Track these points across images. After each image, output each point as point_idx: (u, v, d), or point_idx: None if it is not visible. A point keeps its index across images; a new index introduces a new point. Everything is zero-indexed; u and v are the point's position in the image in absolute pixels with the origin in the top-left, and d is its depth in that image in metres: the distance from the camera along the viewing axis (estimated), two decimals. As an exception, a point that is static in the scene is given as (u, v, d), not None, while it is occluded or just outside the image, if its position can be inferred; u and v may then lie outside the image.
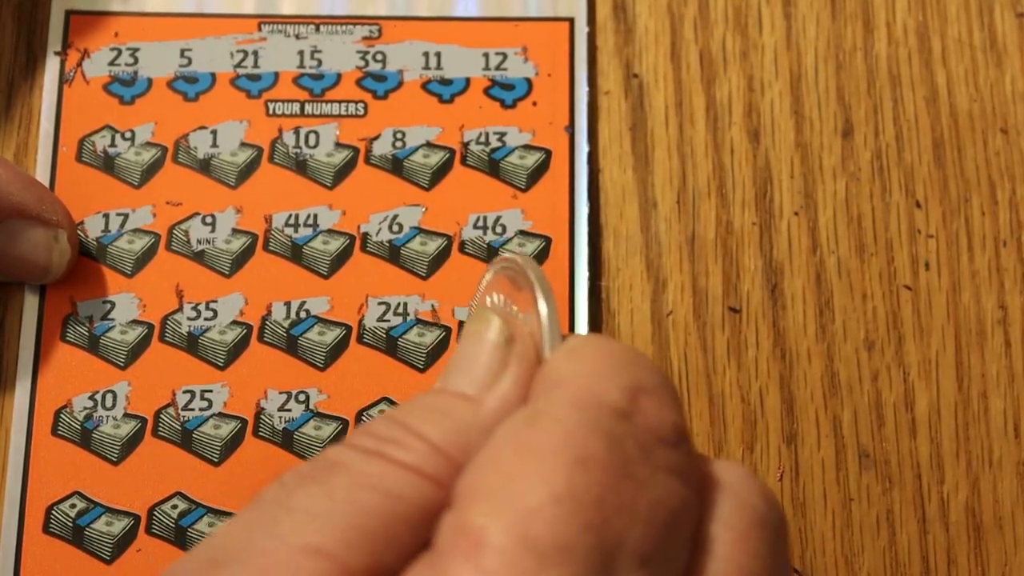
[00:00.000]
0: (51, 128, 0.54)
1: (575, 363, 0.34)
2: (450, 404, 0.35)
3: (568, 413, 0.32)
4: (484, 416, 0.34)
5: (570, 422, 0.32)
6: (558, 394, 0.33)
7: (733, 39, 0.56)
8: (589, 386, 0.33)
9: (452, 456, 0.33)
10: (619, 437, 0.32)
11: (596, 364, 0.34)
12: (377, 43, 0.55)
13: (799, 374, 0.53)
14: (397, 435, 0.33)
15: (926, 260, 0.54)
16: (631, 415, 0.33)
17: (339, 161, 0.54)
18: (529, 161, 0.54)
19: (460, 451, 0.33)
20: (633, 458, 0.32)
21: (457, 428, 0.34)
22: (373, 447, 0.33)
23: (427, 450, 0.33)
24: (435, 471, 0.33)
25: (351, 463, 0.33)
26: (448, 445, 0.33)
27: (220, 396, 0.51)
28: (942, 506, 0.52)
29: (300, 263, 0.53)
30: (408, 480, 0.32)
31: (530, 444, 0.32)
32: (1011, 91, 0.56)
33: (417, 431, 0.33)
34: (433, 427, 0.34)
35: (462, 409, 0.34)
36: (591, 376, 0.33)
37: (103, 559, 0.50)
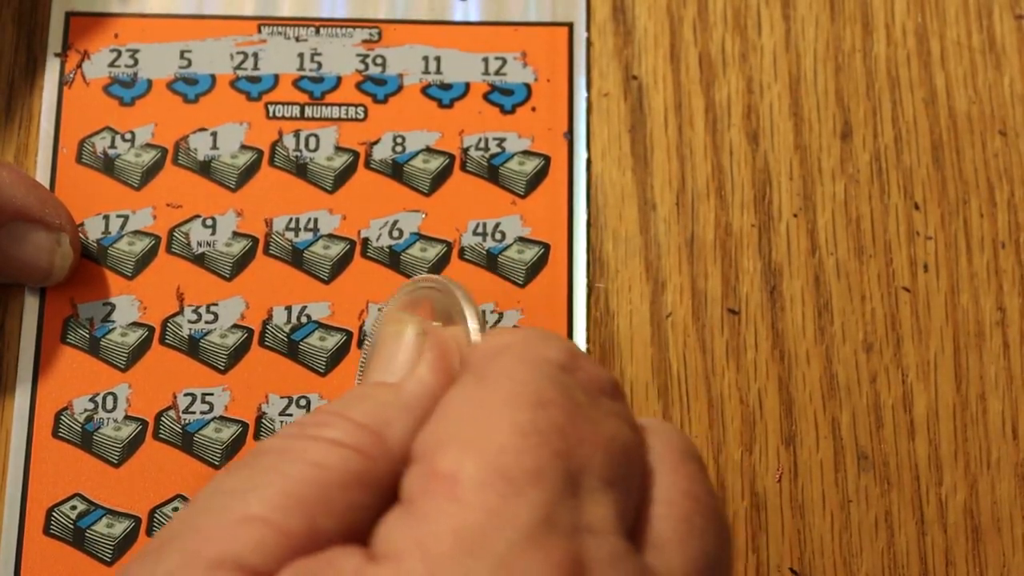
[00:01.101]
0: (51, 129, 0.54)
1: (506, 336, 0.37)
2: (370, 390, 0.37)
3: (516, 368, 0.35)
4: (404, 396, 0.36)
5: (519, 375, 0.34)
6: (501, 357, 0.35)
7: (732, 41, 0.56)
8: (529, 347, 0.36)
9: (373, 430, 0.35)
10: (567, 385, 0.35)
11: (528, 335, 0.37)
12: (377, 46, 0.55)
13: (798, 375, 0.53)
14: (320, 419, 0.35)
15: (925, 262, 0.54)
16: (573, 369, 0.36)
17: (339, 165, 0.54)
18: (528, 167, 0.54)
19: (381, 425, 0.35)
20: (583, 403, 0.35)
21: (377, 407, 0.36)
22: (297, 431, 0.35)
23: (348, 425, 0.35)
24: (357, 442, 0.34)
25: (277, 445, 0.35)
26: (368, 421, 0.35)
27: (221, 400, 0.51)
28: (940, 507, 0.52)
29: (301, 268, 0.53)
30: (331, 450, 0.34)
31: (485, 397, 0.34)
32: (1010, 93, 0.56)
33: (338, 413, 0.35)
34: (354, 408, 0.36)
35: (382, 392, 0.37)
36: (528, 342, 0.36)
37: (104, 561, 0.50)
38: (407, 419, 0.35)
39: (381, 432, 0.35)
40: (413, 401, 0.36)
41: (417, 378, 0.37)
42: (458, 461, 0.32)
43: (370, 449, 0.34)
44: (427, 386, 0.37)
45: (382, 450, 0.34)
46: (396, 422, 0.35)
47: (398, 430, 0.35)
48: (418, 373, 0.37)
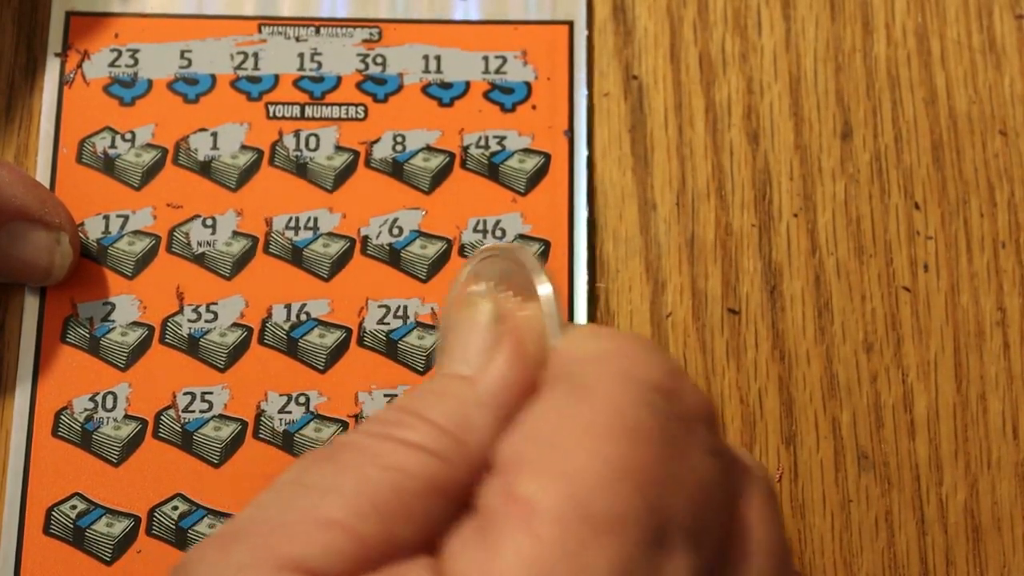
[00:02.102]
0: (51, 129, 0.54)
1: (605, 342, 0.35)
2: (447, 385, 0.36)
3: (615, 387, 0.33)
4: (482, 392, 0.35)
5: (618, 396, 0.33)
6: (599, 369, 0.34)
7: (732, 41, 0.56)
8: (632, 363, 0.34)
9: (454, 433, 0.34)
10: (666, 414, 0.33)
11: (628, 345, 0.35)
12: (377, 46, 0.55)
13: (798, 375, 0.53)
14: (400, 418, 0.34)
15: (925, 262, 0.54)
16: (673, 394, 0.34)
17: (339, 164, 0.54)
18: (528, 165, 0.54)
19: (462, 428, 0.34)
20: (679, 436, 0.33)
21: (456, 407, 0.35)
22: (379, 430, 0.34)
23: (429, 428, 0.34)
24: (438, 447, 0.34)
25: (359, 443, 0.34)
26: (448, 423, 0.34)
27: (220, 398, 0.51)
28: (941, 507, 0.52)
29: (300, 266, 0.53)
30: (413, 455, 0.33)
31: (579, 415, 0.33)
32: (1010, 93, 0.56)
33: (418, 413, 0.34)
34: (433, 408, 0.35)
35: (459, 388, 0.35)
36: (630, 354, 0.34)
37: (103, 560, 0.50)
38: (487, 418, 0.35)
39: (461, 436, 0.34)
40: (491, 398, 0.35)
41: (495, 372, 0.36)
42: (539, 488, 0.31)
43: (451, 455, 0.34)
44: (506, 380, 0.35)
45: (463, 455, 0.34)
46: (476, 423, 0.34)
47: (478, 432, 0.34)
48: (496, 366, 0.36)
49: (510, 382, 0.35)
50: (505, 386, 0.35)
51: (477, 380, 0.36)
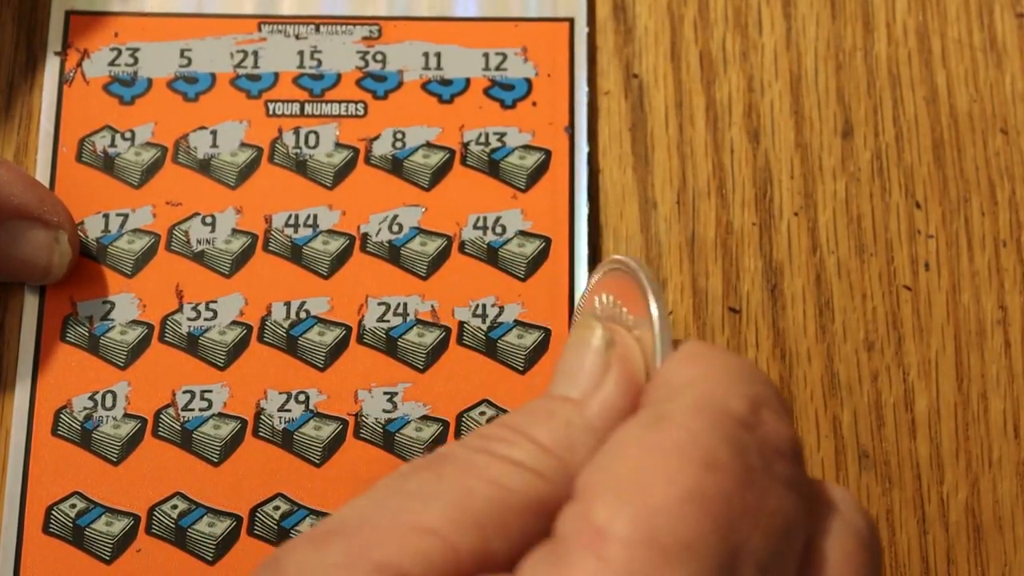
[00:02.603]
0: (51, 128, 0.54)
1: (694, 368, 0.35)
2: (554, 406, 0.36)
3: (694, 418, 0.33)
4: (589, 417, 0.36)
5: (696, 426, 0.33)
6: (682, 399, 0.34)
7: (733, 39, 0.56)
8: (713, 393, 0.34)
9: (558, 454, 0.34)
10: (743, 446, 0.33)
11: (716, 372, 0.35)
12: (377, 43, 0.55)
13: (799, 374, 0.53)
14: (505, 435, 0.35)
15: (926, 260, 0.54)
16: (754, 426, 0.34)
17: (339, 161, 0.54)
18: (529, 161, 0.54)
19: (566, 450, 0.35)
20: (756, 468, 0.33)
21: (562, 428, 0.35)
22: (482, 445, 0.35)
23: (533, 447, 0.34)
24: (541, 466, 0.34)
25: (462, 456, 0.34)
26: (553, 444, 0.35)
27: (220, 396, 0.51)
28: (942, 506, 0.52)
29: (300, 263, 0.53)
30: (515, 472, 0.34)
31: (656, 444, 0.33)
32: (1011, 91, 0.56)
33: (522, 431, 0.35)
34: (539, 428, 0.35)
35: (567, 410, 0.36)
36: (713, 383, 0.34)
37: (103, 559, 0.50)
38: (592, 443, 0.35)
39: (564, 458, 0.34)
40: (597, 423, 0.36)
41: (602, 398, 0.36)
42: (612, 514, 0.31)
43: (553, 475, 0.34)
44: (613, 407, 0.36)
45: (563, 476, 0.34)
46: (579, 447, 0.35)
47: (581, 455, 0.35)
48: (604, 392, 0.36)
49: (617, 409, 0.36)
50: (612, 413, 0.36)
51: (585, 404, 0.36)
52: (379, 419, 0.51)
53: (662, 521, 0.31)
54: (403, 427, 0.51)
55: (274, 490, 0.51)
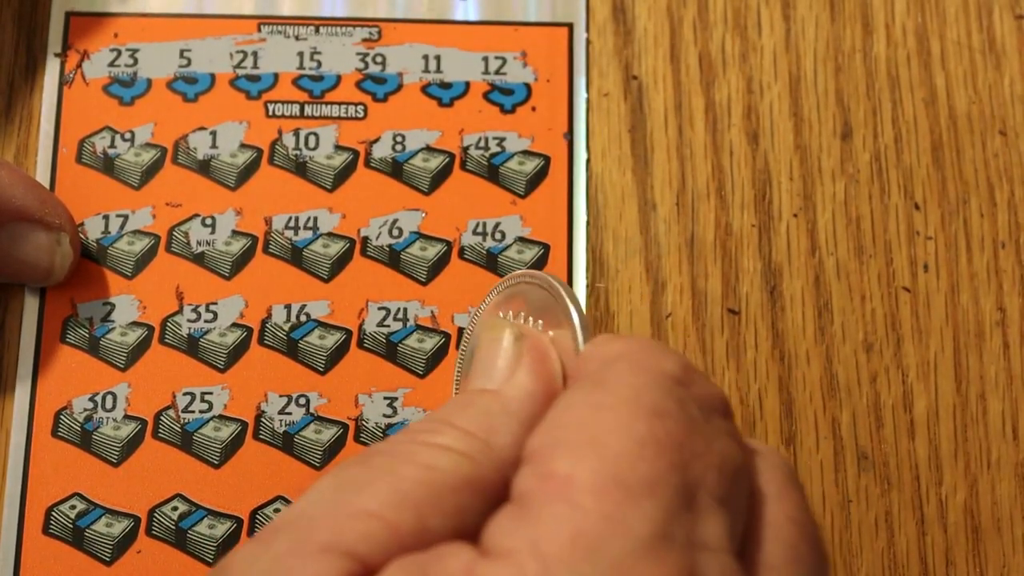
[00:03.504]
0: (51, 129, 0.54)
1: (621, 344, 0.37)
2: (472, 397, 0.38)
3: (634, 376, 0.35)
4: (506, 401, 0.37)
5: (638, 383, 0.35)
6: (617, 365, 0.36)
7: (732, 41, 0.56)
8: (646, 358, 0.36)
9: (479, 436, 0.36)
10: (683, 399, 0.35)
11: (642, 344, 0.37)
12: (377, 45, 0.55)
13: (798, 376, 0.53)
14: (429, 425, 0.36)
15: (925, 262, 0.54)
16: (688, 383, 0.36)
17: (339, 163, 0.54)
18: (528, 167, 0.54)
19: (487, 432, 0.36)
20: (697, 418, 0.35)
21: (481, 414, 0.37)
22: (409, 437, 0.36)
23: (456, 432, 0.36)
24: (466, 448, 0.35)
25: (390, 448, 0.36)
26: (474, 428, 0.36)
27: (220, 398, 0.51)
28: (940, 507, 0.52)
29: (300, 266, 0.53)
30: (442, 454, 0.35)
31: (602, 402, 0.34)
32: (1010, 93, 0.56)
33: (446, 421, 0.36)
34: (459, 416, 0.36)
35: (484, 399, 0.37)
36: (642, 352, 0.36)
37: (103, 560, 0.50)
38: (512, 425, 0.36)
39: (487, 440, 0.36)
40: (516, 406, 0.37)
41: (517, 384, 0.38)
42: (574, 463, 0.33)
43: (478, 455, 0.35)
44: (528, 391, 0.38)
45: (490, 456, 0.35)
46: (502, 428, 0.36)
47: (504, 436, 0.36)
48: (518, 379, 0.38)
49: (532, 392, 0.38)
50: (528, 396, 0.38)
51: (501, 392, 0.38)
52: (379, 423, 0.51)
53: (623, 464, 0.32)
54: (403, 431, 0.51)
55: (274, 493, 0.51)
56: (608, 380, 0.35)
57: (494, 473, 0.35)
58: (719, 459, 0.34)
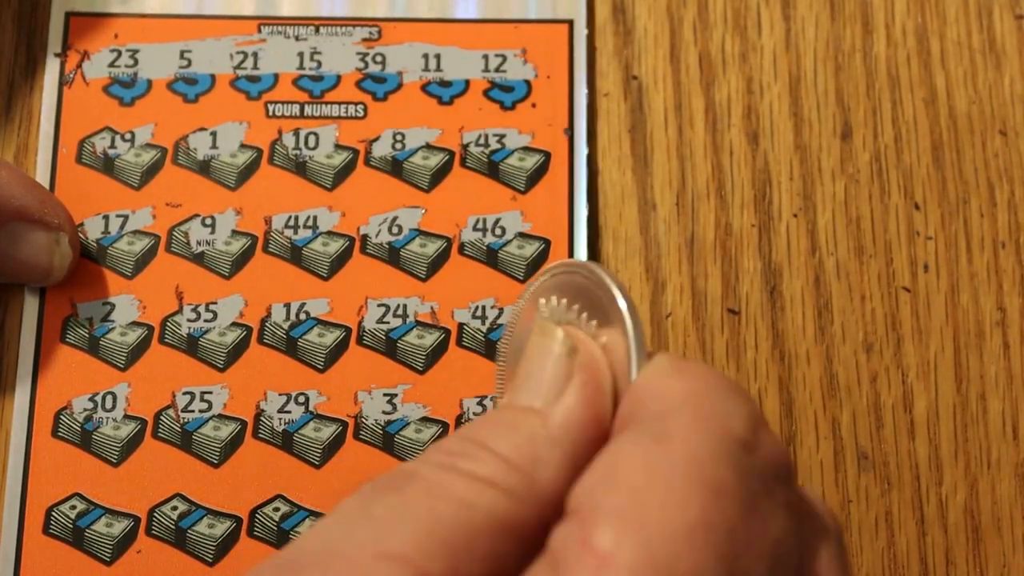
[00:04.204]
0: (51, 130, 0.54)
1: (689, 382, 0.34)
2: (517, 418, 0.35)
3: (697, 437, 0.32)
4: (552, 428, 0.35)
5: (701, 448, 0.32)
6: (682, 416, 0.33)
7: (732, 41, 0.56)
8: (713, 411, 0.33)
9: (523, 468, 0.33)
10: (747, 470, 0.32)
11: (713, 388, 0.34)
12: (377, 44, 0.56)
13: (798, 376, 0.53)
14: (468, 449, 0.34)
15: (925, 262, 0.54)
16: (755, 447, 0.33)
17: (339, 163, 0.54)
18: (528, 163, 0.54)
19: (530, 463, 0.34)
20: (758, 493, 0.32)
21: (525, 441, 0.34)
22: (446, 461, 0.34)
23: (497, 462, 0.33)
24: (506, 482, 0.33)
25: (426, 475, 0.33)
26: (517, 457, 0.34)
27: (220, 398, 0.51)
28: (941, 507, 0.52)
29: (300, 265, 0.53)
30: (480, 490, 0.33)
31: (659, 465, 0.32)
32: (1010, 93, 0.56)
33: (486, 445, 0.34)
34: (502, 440, 0.34)
35: (530, 422, 0.35)
36: (712, 400, 0.34)
37: (103, 560, 0.50)
38: (557, 456, 0.34)
39: (531, 473, 0.34)
40: (562, 434, 0.35)
41: (566, 409, 0.35)
42: (618, 540, 0.31)
43: (520, 492, 0.33)
44: (578, 419, 0.35)
45: (531, 492, 0.33)
46: (546, 460, 0.34)
47: (549, 470, 0.34)
48: (567, 403, 0.35)
49: (583, 420, 0.35)
50: (578, 424, 0.35)
51: (549, 415, 0.35)
52: (379, 421, 0.51)
53: (668, 549, 0.30)
54: (403, 429, 0.51)
55: (274, 491, 0.51)
56: (669, 436, 0.33)
57: (534, 512, 0.33)
58: (771, 547, 0.32)
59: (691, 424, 0.33)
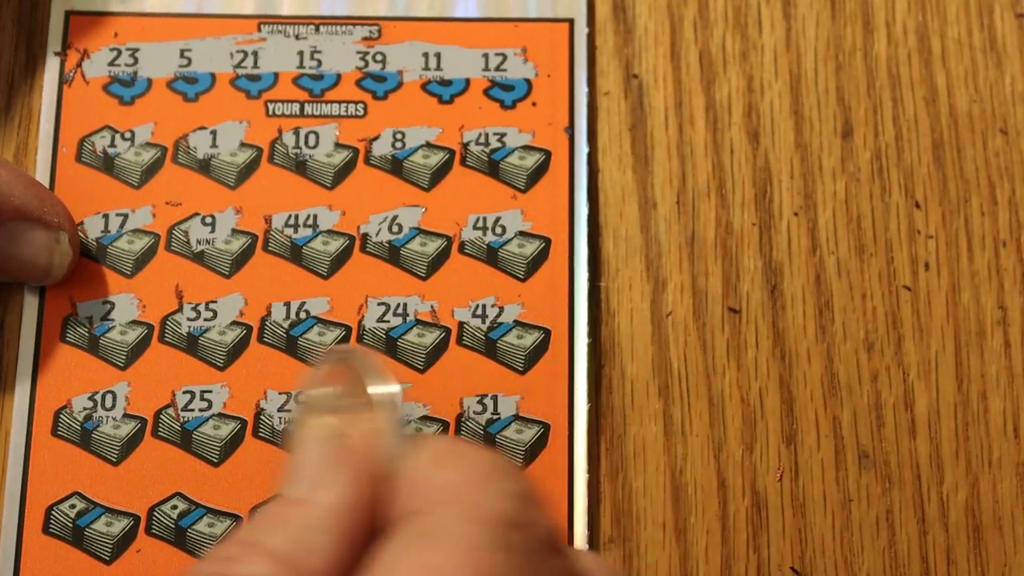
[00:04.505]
0: (51, 128, 0.54)
1: (451, 471, 0.35)
2: (287, 511, 0.35)
3: (464, 530, 0.33)
4: (321, 515, 0.35)
5: (468, 539, 0.33)
6: (448, 508, 0.34)
7: (733, 39, 0.56)
8: (479, 498, 0.34)
9: (294, 560, 0.34)
10: (516, 550, 0.33)
11: (476, 472, 0.35)
12: (377, 43, 0.56)
13: (799, 374, 0.53)
14: (239, 552, 0.34)
15: (926, 260, 0.54)
16: (524, 526, 0.34)
17: (339, 161, 0.54)
18: (529, 162, 0.54)
19: (304, 553, 0.34)
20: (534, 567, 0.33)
21: (296, 534, 0.34)
22: (220, 570, 0.34)
23: (270, 561, 0.34)
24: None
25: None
26: (289, 550, 0.34)
27: (220, 397, 0.51)
28: (941, 506, 0.52)
29: (300, 264, 0.53)
30: None
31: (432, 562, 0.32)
32: (1010, 92, 0.56)
33: (259, 543, 0.34)
34: (273, 536, 0.34)
35: (298, 514, 0.35)
36: (476, 486, 0.34)
37: (103, 559, 0.50)
38: (328, 542, 0.34)
39: (303, 563, 0.34)
40: (332, 522, 0.35)
41: (335, 495, 0.35)
42: None
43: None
44: (345, 504, 0.35)
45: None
46: (318, 548, 0.34)
47: (320, 559, 0.34)
48: (336, 489, 0.35)
49: (351, 504, 0.35)
50: (346, 509, 0.35)
51: (316, 504, 0.35)
52: (379, 419, 0.51)
53: None
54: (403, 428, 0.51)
55: (274, 490, 0.50)
56: (436, 533, 0.33)
57: None
58: None
59: (456, 515, 0.33)
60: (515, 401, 0.51)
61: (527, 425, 0.51)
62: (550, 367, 0.52)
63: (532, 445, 0.51)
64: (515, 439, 0.51)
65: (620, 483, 0.51)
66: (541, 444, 0.51)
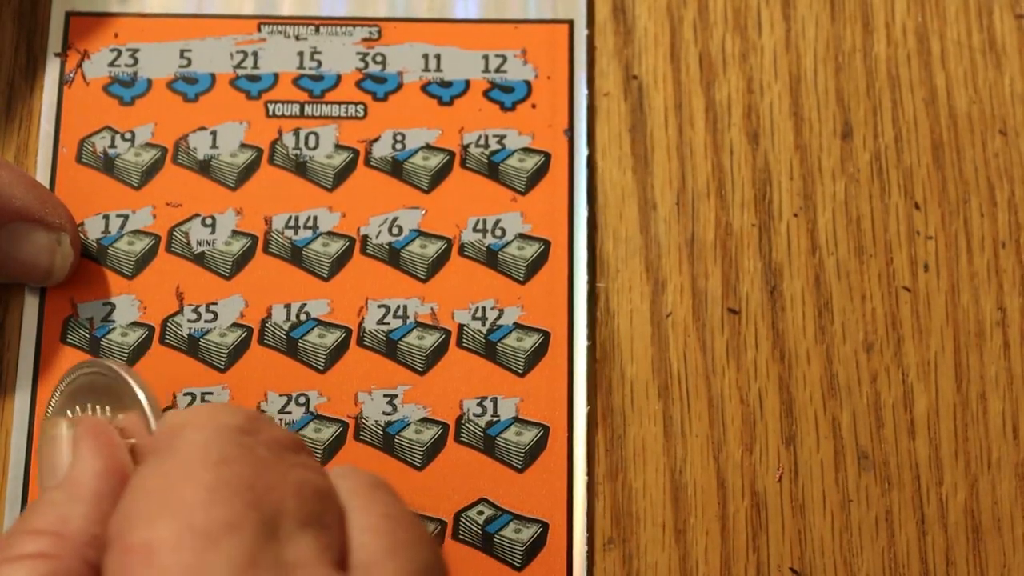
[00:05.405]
0: (51, 129, 0.54)
1: (185, 413, 0.38)
2: (42, 498, 0.38)
3: (198, 435, 0.36)
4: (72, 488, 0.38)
5: (202, 440, 0.36)
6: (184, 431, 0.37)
7: (732, 40, 0.56)
8: (208, 418, 0.37)
9: (54, 531, 0.36)
10: (249, 444, 0.36)
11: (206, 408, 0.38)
12: (377, 44, 0.55)
13: (798, 375, 0.53)
14: (11, 540, 0.36)
15: (925, 261, 0.54)
16: (254, 431, 0.37)
17: (339, 163, 0.54)
18: (529, 164, 0.54)
19: (59, 524, 0.36)
20: (267, 458, 0.36)
21: (52, 510, 0.37)
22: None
23: (34, 538, 0.36)
24: (38, 548, 0.35)
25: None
26: (47, 525, 0.36)
27: (220, 399, 0.51)
28: (941, 507, 0.52)
29: (300, 265, 0.53)
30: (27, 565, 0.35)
31: (169, 468, 0.35)
32: (1010, 93, 0.56)
33: (24, 529, 0.36)
34: (37, 520, 0.37)
35: (50, 495, 0.38)
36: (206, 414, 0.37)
37: (103, 560, 0.50)
38: (81, 508, 0.37)
39: (61, 531, 0.36)
40: (83, 491, 0.37)
41: (80, 468, 0.38)
42: (150, 529, 0.33)
43: (51, 549, 0.35)
44: (93, 471, 0.38)
45: (63, 545, 0.36)
46: (73, 514, 0.36)
47: (76, 521, 0.36)
48: (79, 463, 0.38)
49: (98, 471, 0.38)
50: (93, 475, 0.38)
51: (65, 480, 0.38)
52: (379, 421, 0.51)
53: (198, 514, 0.33)
54: (403, 429, 0.51)
55: None
56: (175, 446, 0.36)
57: (78, 561, 0.35)
58: (296, 487, 0.35)
59: (189, 431, 0.36)
60: (515, 403, 0.52)
61: (527, 427, 0.51)
62: (550, 369, 0.52)
63: (532, 447, 0.51)
64: (515, 441, 0.51)
65: (620, 484, 0.51)
66: (541, 446, 0.51)
